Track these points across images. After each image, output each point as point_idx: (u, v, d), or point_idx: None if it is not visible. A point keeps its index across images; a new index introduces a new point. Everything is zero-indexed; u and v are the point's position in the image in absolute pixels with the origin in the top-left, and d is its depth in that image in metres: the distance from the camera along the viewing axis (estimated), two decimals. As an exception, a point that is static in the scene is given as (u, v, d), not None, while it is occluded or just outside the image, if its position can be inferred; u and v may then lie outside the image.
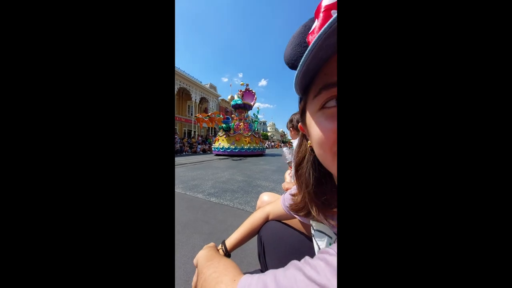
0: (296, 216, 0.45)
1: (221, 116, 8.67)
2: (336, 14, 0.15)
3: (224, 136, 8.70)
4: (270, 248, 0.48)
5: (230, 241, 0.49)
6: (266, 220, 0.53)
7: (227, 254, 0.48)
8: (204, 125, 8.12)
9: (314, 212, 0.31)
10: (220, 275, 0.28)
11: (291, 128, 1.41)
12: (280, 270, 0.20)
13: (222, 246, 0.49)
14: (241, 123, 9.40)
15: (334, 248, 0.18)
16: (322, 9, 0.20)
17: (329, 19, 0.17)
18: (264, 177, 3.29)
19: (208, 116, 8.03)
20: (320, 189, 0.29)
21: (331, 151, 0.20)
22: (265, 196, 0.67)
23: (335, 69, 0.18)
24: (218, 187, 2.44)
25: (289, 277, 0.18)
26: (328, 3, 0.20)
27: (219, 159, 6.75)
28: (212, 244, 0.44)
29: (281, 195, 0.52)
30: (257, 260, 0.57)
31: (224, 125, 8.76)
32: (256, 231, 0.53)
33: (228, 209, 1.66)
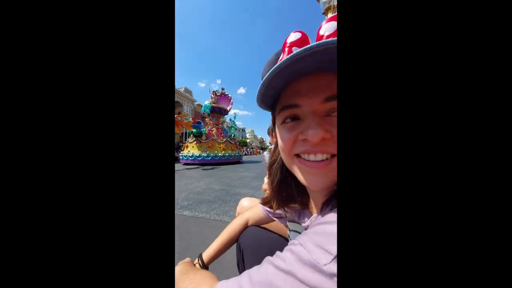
0: (274, 218, 0.49)
1: (190, 119, 7.89)
2: (288, 55, 0.20)
3: (195, 142, 7.97)
4: (249, 254, 0.51)
5: (207, 253, 0.50)
6: (246, 227, 0.55)
7: (205, 267, 0.48)
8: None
9: (274, 205, 0.39)
10: (197, 285, 0.29)
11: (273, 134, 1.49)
12: (255, 268, 0.23)
13: (198, 260, 0.49)
14: (214, 128, 8.85)
15: (298, 239, 0.22)
16: (287, 45, 0.26)
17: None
18: (243, 184, 3.30)
19: (172, 118, 7.11)
20: (282, 187, 0.35)
21: (290, 155, 0.26)
22: (245, 202, 0.68)
23: (289, 96, 0.25)
24: (192, 198, 2.36)
25: (262, 272, 0.21)
26: (292, 40, 0.26)
27: (187, 168, 6.21)
28: (187, 259, 0.44)
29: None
30: (236, 274, 0.58)
31: (195, 130, 8.02)
32: (235, 239, 0.54)
33: (204, 221, 1.62)
